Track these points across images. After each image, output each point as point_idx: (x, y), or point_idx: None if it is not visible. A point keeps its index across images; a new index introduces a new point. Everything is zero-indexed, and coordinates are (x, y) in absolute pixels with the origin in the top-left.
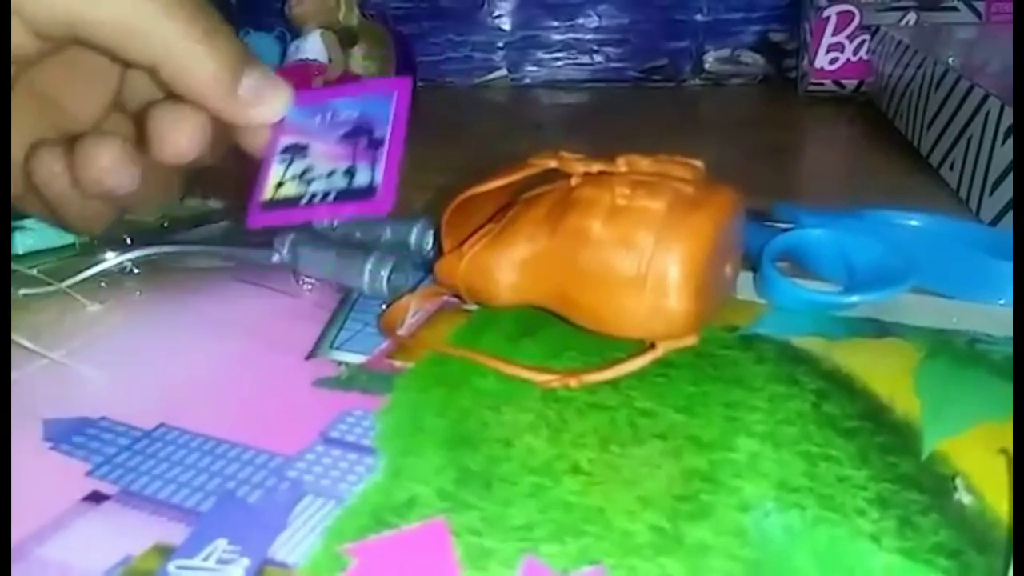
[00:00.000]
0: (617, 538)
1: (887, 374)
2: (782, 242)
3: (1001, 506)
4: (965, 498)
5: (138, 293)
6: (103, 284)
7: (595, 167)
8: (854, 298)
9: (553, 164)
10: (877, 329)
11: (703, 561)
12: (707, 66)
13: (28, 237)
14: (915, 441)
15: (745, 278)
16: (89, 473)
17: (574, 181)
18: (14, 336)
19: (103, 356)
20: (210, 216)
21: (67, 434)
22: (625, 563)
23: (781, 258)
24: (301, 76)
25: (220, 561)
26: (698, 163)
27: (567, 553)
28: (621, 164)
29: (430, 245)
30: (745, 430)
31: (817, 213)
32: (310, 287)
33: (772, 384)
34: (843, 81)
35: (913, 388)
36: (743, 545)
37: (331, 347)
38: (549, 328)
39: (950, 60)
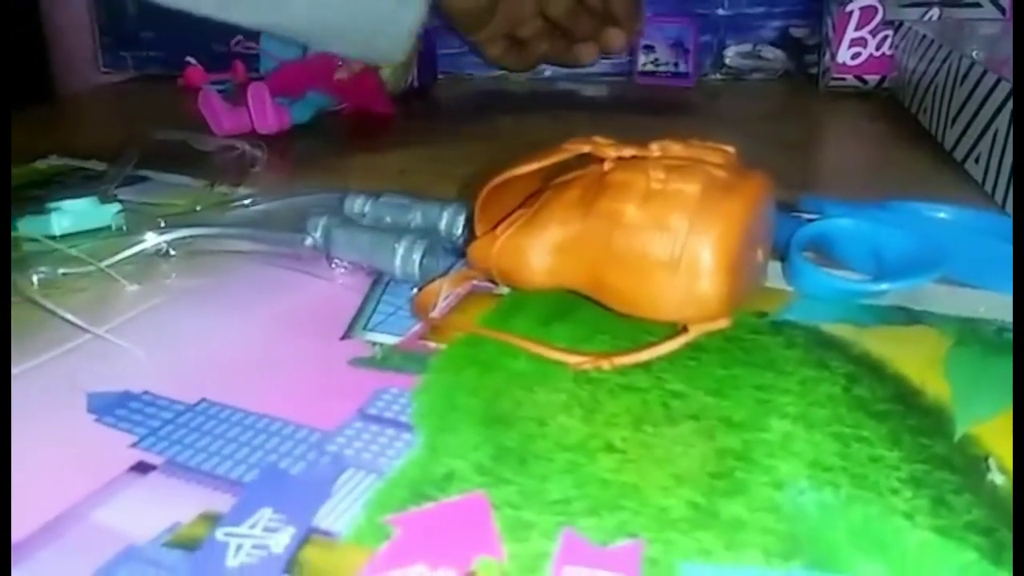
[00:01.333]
0: (653, 513)
1: (917, 360)
2: (810, 231)
3: None
4: (998, 478)
5: (173, 275)
6: (138, 267)
7: (628, 152)
8: (883, 286)
9: (586, 149)
10: (906, 317)
11: (739, 535)
12: (727, 61)
13: (65, 219)
14: (947, 424)
15: (773, 267)
16: (134, 445)
17: (607, 166)
18: (58, 311)
19: (143, 334)
20: (240, 202)
21: (111, 407)
22: (662, 537)
23: (808, 248)
24: (324, 66)
25: (267, 529)
26: (730, 148)
27: (604, 527)
28: (654, 149)
29: (460, 230)
30: (777, 412)
31: (844, 204)
32: (342, 270)
33: (802, 368)
34: (865, 76)
35: (943, 374)
36: (778, 520)
37: (365, 328)
38: (581, 311)
39: (974, 55)
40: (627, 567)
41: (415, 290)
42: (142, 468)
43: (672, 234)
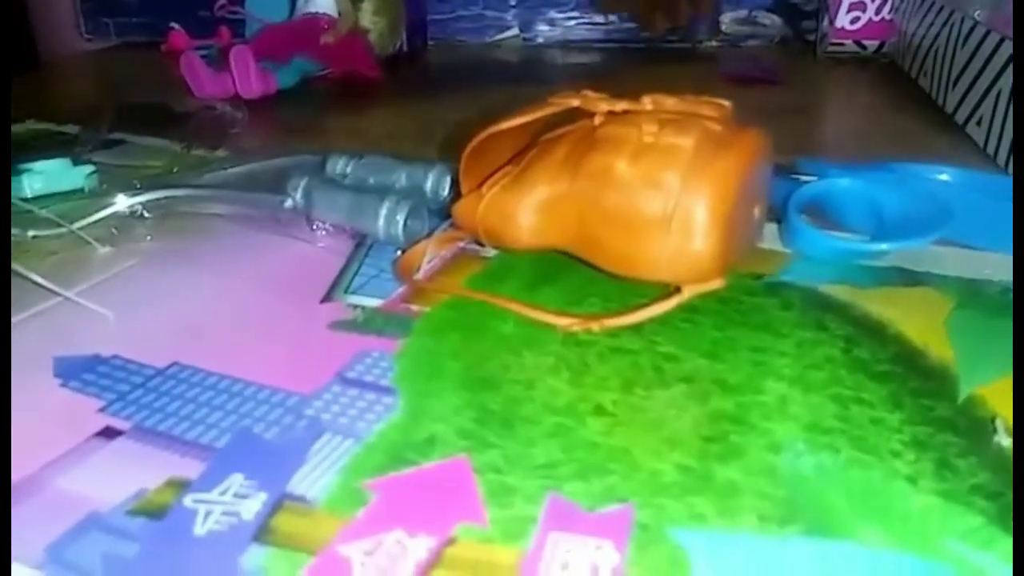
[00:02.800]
0: (644, 477)
1: (919, 321)
2: (808, 191)
3: None
4: (1004, 440)
5: (148, 238)
6: (114, 230)
7: (619, 106)
8: (884, 246)
9: (575, 103)
10: (907, 278)
11: (734, 500)
12: (724, 27)
13: (36, 180)
14: (950, 386)
15: (770, 229)
16: (102, 410)
17: (597, 120)
18: (27, 273)
19: (115, 296)
20: (218, 163)
21: (78, 371)
22: (653, 502)
23: (806, 209)
24: (310, 30)
25: (237, 495)
26: (725, 102)
27: (592, 491)
28: (647, 102)
29: (447, 191)
30: (773, 374)
31: (843, 166)
32: (324, 233)
33: (799, 330)
34: (864, 41)
35: (946, 336)
36: (775, 485)
37: (346, 291)
38: (570, 273)
39: (976, 15)
40: (616, 532)
41: (399, 252)
42: (108, 433)
43: (664, 191)
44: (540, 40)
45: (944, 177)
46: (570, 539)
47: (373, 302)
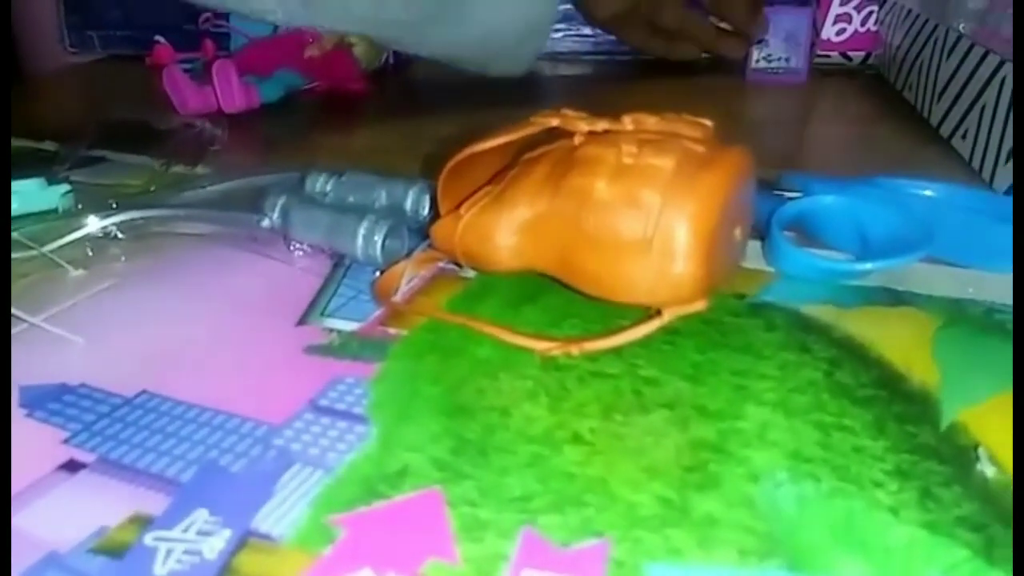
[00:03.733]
0: (621, 510)
1: (902, 343)
2: (792, 209)
3: None
4: (988, 469)
5: (122, 259)
6: (88, 251)
7: (600, 125)
8: (868, 265)
9: (555, 122)
10: (891, 298)
11: (712, 533)
12: None
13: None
14: (934, 411)
15: (753, 247)
16: (66, 441)
17: (577, 140)
18: None
19: (85, 322)
20: (197, 181)
21: (43, 400)
22: (630, 535)
23: (790, 227)
24: (294, 44)
25: (201, 532)
26: (707, 122)
27: (568, 525)
28: (627, 122)
29: (427, 210)
30: (754, 399)
31: (827, 181)
32: (301, 253)
33: (782, 352)
34: (850, 53)
35: (930, 357)
36: (754, 517)
37: (322, 314)
38: (549, 295)
39: (961, 28)
40: (591, 569)
41: (377, 273)
42: (71, 467)
43: (644, 211)
44: None
45: (929, 193)
46: None
47: (350, 325)
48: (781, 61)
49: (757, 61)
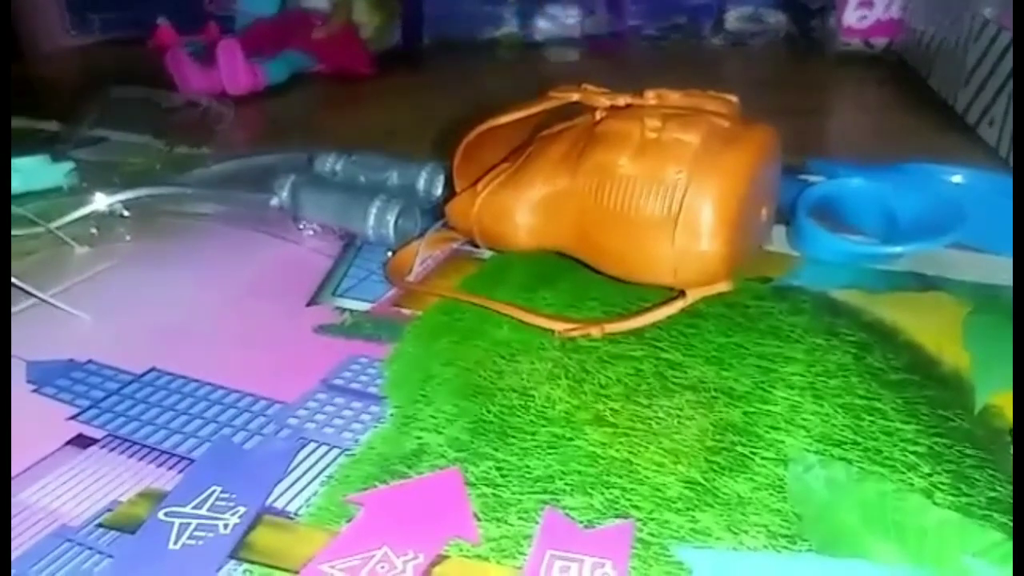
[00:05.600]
0: (647, 491)
1: (932, 328)
2: (818, 192)
3: None
4: None
5: (128, 238)
6: (94, 230)
7: (622, 100)
8: (898, 248)
9: (576, 97)
10: (920, 283)
11: (740, 515)
12: (727, 25)
13: (15, 177)
14: (967, 395)
15: (778, 231)
16: (74, 417)
17: (598, 115)
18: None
19: (92, 299)
20: (203, 161)
21: (51, 377)
22: (656, 517)
23: (816, 210)
24: (301, 24)
25: (214, 509)
26: (732, 98)
27: (592, 506)
28: (650, 97)
29: (440, 190)
30: (782, 382)
31: (854, 167)
32: (311, 233)
33: (810, 336)
34: (872, 40)
35: (961, 342)
36: (783, 500)
37: (333, 294)
38: (567, 277)
39: (987, 13)
40: (616, 550)
41: (389, 253)
42: (81, 442)
43: (669, 188)
44: (538, 37)
45: (957, 179)
46: (568, 557)
47: (362, 305)
48: None
49: None
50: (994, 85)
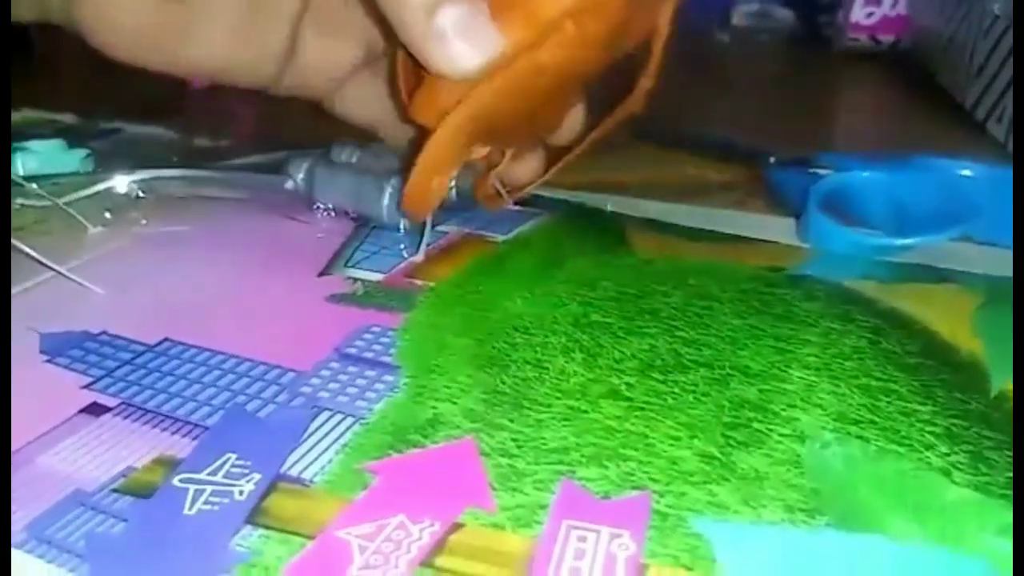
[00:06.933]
0: (663, 464)
1: (946, 317)
2: (828, 184)
3: None
4: None
5: (143, 222)
6: (107, 212)
7: None
8: (908, 241)
9: None
10: (932, 275)
11: (758, 489)
12: (734, 21)
13: (30, 159)
14: (982, 380)
15: (787, 224)
16: (87, 386)
17: None
18: (18, 245)
19: (106, 274)
20: (220, 154)
21: (64, 347)
22: (673, 489)
23: (826, 203)
24: None
25: (229, 476)
26: None
27: (608, 477)
28: None
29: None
30: (798, 362)
31: (863, 161)
32: (325, 215)
33: (824, 320)
34: (879, 37)
35: (972, 331)
36: (801, 475)
37: (346, 265)
38: (579, 260)
39: (995, 8)
40: (633, 521)
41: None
42: (95, 410)
43: None
44: None
45: (967, 173)
46: (585, 527)
47: (374, 276)
48: None
49: None
50: (1003, 81)
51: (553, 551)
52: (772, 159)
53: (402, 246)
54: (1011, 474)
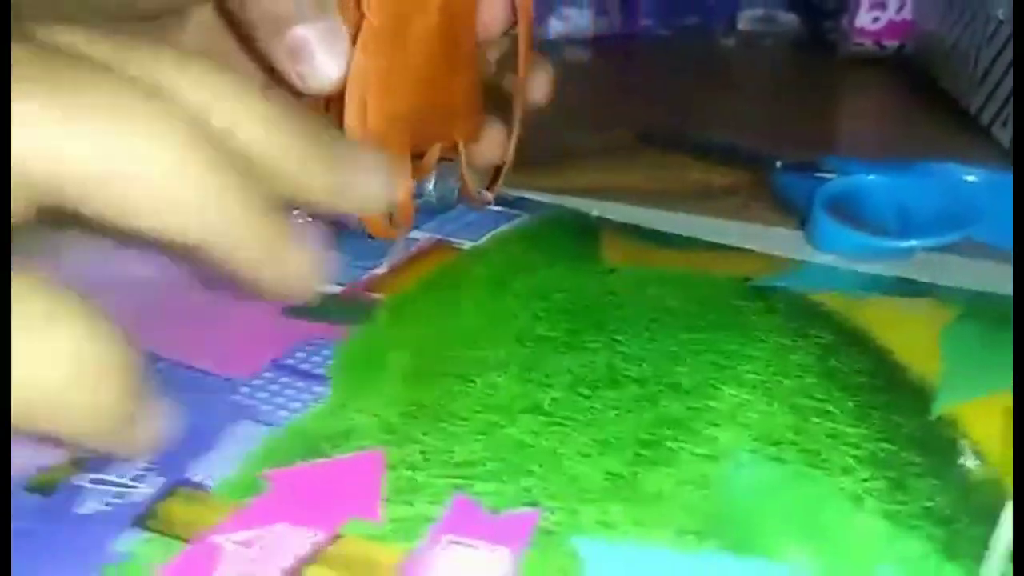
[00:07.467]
0: (564, 481)
1: (911, 334)
2: (833, 188)
3: (1008, 477)
4: (970, 462)
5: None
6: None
7: None
8: (912, 242)
9: None
10: (909, 289)
11: (653, 511)
12: (739, 25)
13: None
14: (924, 402)
15: (788, 234)
16: None
17: None
18: None
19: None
20: None
21: None
22: (565, 507)
23: (831, 206)
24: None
25: (135, 478)
26: None
27: (503, 492)
28: None
29: (455, 193)
30: (735, 379)
31: (868, 164)
32: (301, 221)
33: (776, 335)
34: (884, 42)
35: (936, 348)
36: (704, 497)
37: None
38: (539, 269)
39: (1000, 14)
40: (514, 538)
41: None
42: None
43: None
44: (551, 36)
45: (971, 178)
46: (463, 542)
47: (334, 288)
48: None
49: None
50: (1007, 86)
51: (425, 565)
52: (778, 163)
53: (371, 261)
54: (927, 503)
